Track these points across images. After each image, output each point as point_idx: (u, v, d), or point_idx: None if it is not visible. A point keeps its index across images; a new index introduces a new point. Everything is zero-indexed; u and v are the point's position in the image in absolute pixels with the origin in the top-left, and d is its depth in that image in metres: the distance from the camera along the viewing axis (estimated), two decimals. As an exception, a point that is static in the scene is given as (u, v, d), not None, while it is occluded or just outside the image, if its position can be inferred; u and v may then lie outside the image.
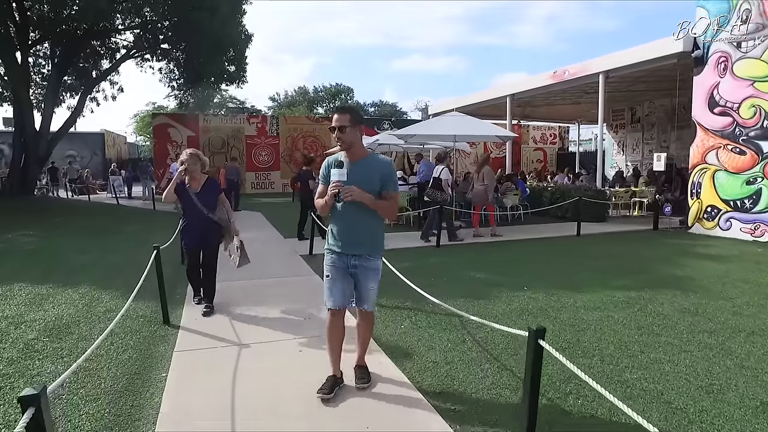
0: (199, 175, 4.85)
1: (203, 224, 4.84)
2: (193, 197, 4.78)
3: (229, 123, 22.97)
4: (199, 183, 4.85)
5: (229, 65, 20.99)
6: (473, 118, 11.04)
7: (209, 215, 4.85)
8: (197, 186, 4.84)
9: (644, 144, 20.15)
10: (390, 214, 3.36)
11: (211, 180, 4.99)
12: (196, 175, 4.82)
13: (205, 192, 4.86)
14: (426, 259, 7.68)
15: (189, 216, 4.88)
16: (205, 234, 4.90)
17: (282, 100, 52.70)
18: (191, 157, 4.75)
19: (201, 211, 4.79)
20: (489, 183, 9.75)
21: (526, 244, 9.06)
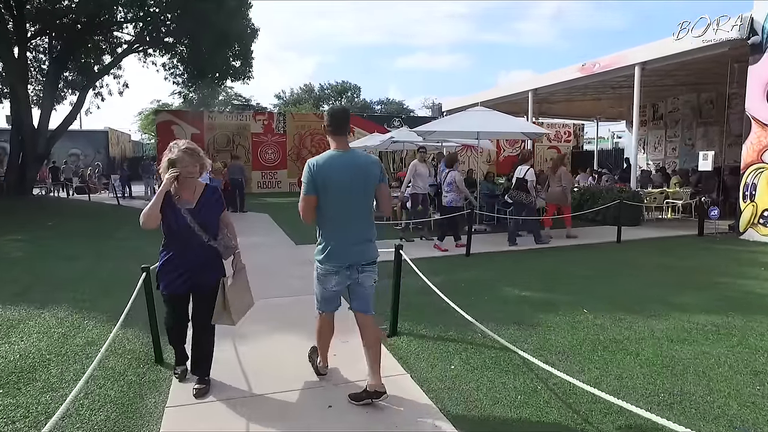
0: (195, 182, 3.19)
1: (198, 256, 3.12)
2: (186, 216, 3.06)
3: (235, 120, 22.04)
4: (193, 194, 3.16)
5: (235, 60, 20.03)
6: (499, 113, 10.06)
7: (209, 242, 3.14)
8: (191, 198, 3.13)
9: (667, 142, 19.09)
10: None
11: (211, 189, 3.30)
12: (190, 182, 3.14)
13: (204, 207, 3.16)
14: (458, 271, 6.73)
15: (175, 243, 3.12)
16: (201, 271, 3.14)
17: (288, 98, 51.74)
18: (187, 155, 3.04)
19: (196, 237, 3.08)
20: (567, 184, 9.14)
21: (565, 252, 8.09)
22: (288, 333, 4.33)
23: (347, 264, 2.98)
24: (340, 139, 2.98)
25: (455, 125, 9.95)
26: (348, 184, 2.91)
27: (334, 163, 2.92)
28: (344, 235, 2.97)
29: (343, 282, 3.04)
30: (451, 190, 8.17)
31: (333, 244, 2.97)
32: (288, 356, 3.84)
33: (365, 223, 3.05)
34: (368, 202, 3.06)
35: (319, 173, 2.88)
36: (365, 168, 2.98)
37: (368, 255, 3.07)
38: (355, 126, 23.76)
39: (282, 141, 22.51)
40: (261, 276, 6.08)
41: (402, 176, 13.08)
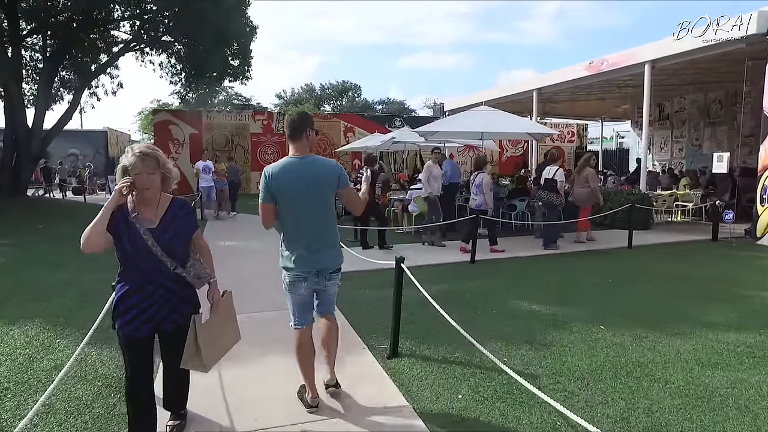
0: (158, 194, 2.53)
1: (163, 288, 2.51)
2: (145, 236, 2.43)
3: (234, 120, 21.60)
4: (156, 209, 2.52)
5: (233, 59, 19.60)
6: (504, 112, 9.63)
7: (175, 270, 2.50)
8: (153, 215, 2.50)
9: (673, 142, 18.65)
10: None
11: (178, 204, 2.61)
12: (151, 194, 2.49)
13: (170, 226, 2.51)
14: (463, 280, 6.30)
15: (133, 273, 2.48)
16: (166, 307, 2.53)
17: (289, 98, 51.32)
18: (141, 160, 2.41)
19: (160, 264, 2.46)
20: (594, 185, 8.83)
21: (574, 259, 7.67)
22: (277, 353, 3.91)
23: (315, 270, 2.98)
24: (296, 145, 2.95)
25: (458, 125, 9.52)
26: (303, 191, 2.89)
27: (288, 170, 2.90)
28: (307, 241, 2.94)
29: (311, 287, 3.02)
30: (480, 192, 7.96)
31: (298, 251, 2.94)
32: (277, 381, 3.42)
33: (326, 229, 3.01)
34: (327, 208, 3.02)
35: (274, 181, 2.88)
36: (321, 175, 2.93)
37: (334, 262, 3.08)
38: (356, 126, 23.39)
39: (282, 141, 22.05)
40: (249, 285, 5.73)
41: (403, 178, 12.68)
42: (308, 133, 2.96)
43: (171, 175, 2.55)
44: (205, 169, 12.58)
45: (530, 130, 9.37)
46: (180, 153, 20.45)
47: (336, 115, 25.38)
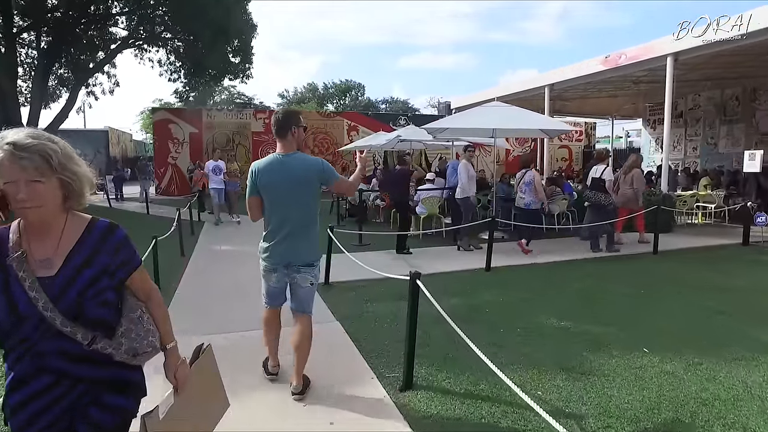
0: (58, 215, 1.46)
1: (66, 379, 1.44)
2: (33, 293, 1.37)
3: (235, 119, 21.01)
4: (56, 243, 1.45)
5: (234, 56, 19.05)
6: (518, 108, 9.00)
7: (92, 346, 1.42)
8: (51, 253, 1.44)
9: (687, 140, 17.98)
10: None
11: (99, 229, 1.51)
12: (42, 216, 1.42)
13: (79, 272, 1.44)
14: (480, 290, 5.67)
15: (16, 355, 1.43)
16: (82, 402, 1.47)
17: (291, 97, 50.77)
18: (15, 159, 1.34)
19: (60, 340, 1.40)
20: (639, 186, 8.37)
21: (596, 265, 7.03)
22: (268, 388, 3.29)
23: (284, 263, 3.03)
24: (282, 142, 3.03)
25: (470, 122, 8.90)
26: (285, 188, 2.96)
27: (272, 167, 3.00)
28: (281, 235, 3.01)
29: (282, 279, 3.09)
30: (529, 191, 7.70)
31: (270, 243, 3.04)
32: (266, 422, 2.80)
33: (303, 224, 3.03)
34: (307, 205, 3.04)
35: (258, 177, 3.00)
36: (303, 172, 2.98)
37: (303, 257, 3.05)
38: (359, 124, 22.77)
39: (284, 140, 21.49)
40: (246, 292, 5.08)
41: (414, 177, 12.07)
42: (294, 130, 3.00)
43: (77, 181, 1.45)
44: (216, 169, 11.49)
45: (547, 126, 8.73)
46: (180, 152, 19.89)
47: (339, 113, 24.75)
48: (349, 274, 5.99)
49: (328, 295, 5.50)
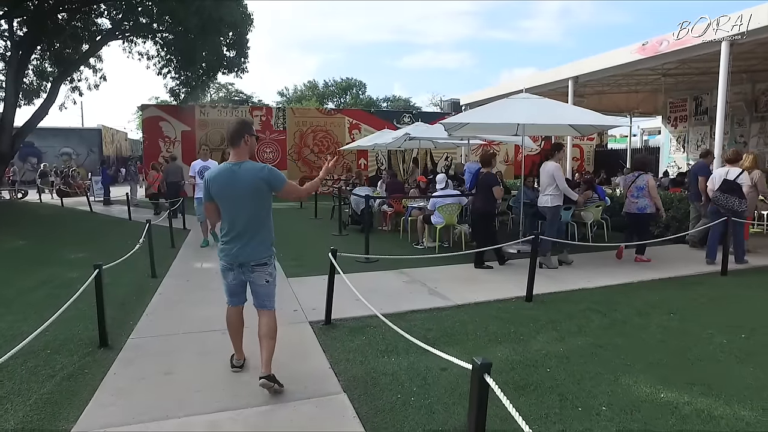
0: None
1: None
2: None
3: (230, 116, 19.55)
4: None
5: (229, 50, 17.61)
6: (551, 100, 7.63)
7: None
8: None
9: (712, 140, 16.53)
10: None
11: None
12: None
13: None
14: (527, 334, 4.26)
15: None
16: None
17: (291, 95, 49.32)
18: None
19: None
20: (762, 190, 7.32)
21: (655, 292, 5.64)
22: None
23: (237, 263, 3.18)
24: (235, 151, 3.17)
25: (493, 116, 7.50)
26: (233, 195, 3.11)
27: (223, 175, 3.12)
28: (232, 238, 3.16)
29: (238, 277, 3.24)
30: (643, 195, 7.07)
31: (225, 245, 3.20)
32: None
33: (253, 227, 3.15)
34: (256, 209, 3.14)
35: (211, 183, 3.16)
36: (250, 180, 3.09)
37: (255, 256, 3.17)
38: (362, 122, 21.41)
39: (281, 138, 20.09)
40: (215, 353, 3.59)
41: (423, 181, 10.68)
42: (246, 138, 3.15)
43: None
44: (204, 170, 8.06)
45: (593, 121, 7.31)
46: (171, 151, 18.48)
47: (340, 110, 23.34)
48: (355, 306, 4.64)
49: (328, 340, 4.12)
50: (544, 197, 6.90)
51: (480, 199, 6.93)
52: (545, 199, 6.87)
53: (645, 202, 7.11)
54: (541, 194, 7.01)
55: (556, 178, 6.73)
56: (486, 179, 6.88)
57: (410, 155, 22.51)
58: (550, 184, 6.77)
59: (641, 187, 7.15)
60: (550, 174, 6.79)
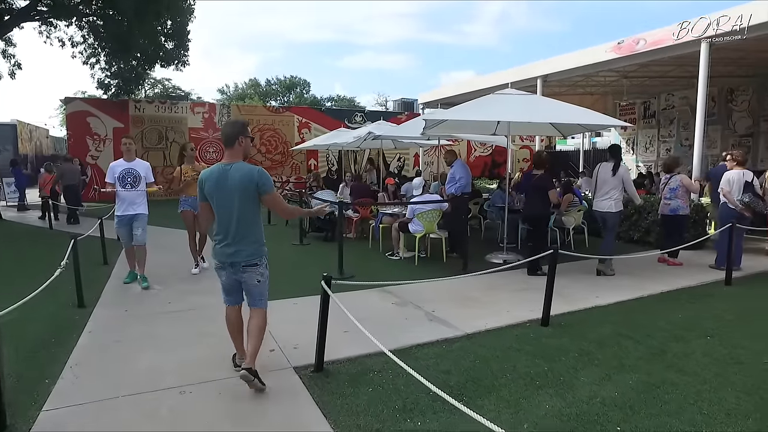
0: None
1: None
2: None
3: (168, 112, 17.75)
4: None
5: (167, 41, 15.92)
6: (542, 97, 7.00)
7: None
8: None
9: (660, 142, 16.91)
10: None
11: None
12: None
13: None
14: (565, 373, 3.47)
15: None
16: None
17: (232, 93, 46.87)
18: None
19: None
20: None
21: (671, 305, 5.07)
22: None
23: (229, 262, 3.18)
24: (228, 152, 3.18)
25: (480, 112, 6.74)
26: (224, 195, 3.11)
27: (215, 176, 3.13)
28: (225, 237, 3.16)
29: (231, 277, 3.24)
30: (675, 197, 6.89)
31: (217, 245, 3.21)
32: None
33: (244, 228, 3.15)
34: (247, 210, 3.15)
35: (204, 183, 3.16)
36: (242, 180, 3.08)
37: (245, 257, 3.18)
38: (311, 121, 20.23)
39: (226, 137, 18.52)
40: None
41: (391, 183, 9.78)
42: (241, 140, 3.15)
43: None
44: (129, 176, 5.67)
45: (594, 121, 6.70)
46: (101, 150, 16.49)
47: (289, 108, 21.97)
48: (347, 341, 3.72)
49: (326, 396, 3.12)
50: (606, 201, 6.37)
51: (536, 202, 6.43)
52: (609, 204, 6.34)
53: (678, 203, 6.90)
54: (601, 198, 6.43)
55: (626, 182, 6.33)
56: (541, 182, 6.40)
57: (362, 156, 21.59)
58: (617, 187, 6.29)
59: (674, 188, 6.92)
60: (620, 177, 6.31)
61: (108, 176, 5.71)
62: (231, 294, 3.31)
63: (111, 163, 5.92)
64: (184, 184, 6.18)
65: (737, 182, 6.59)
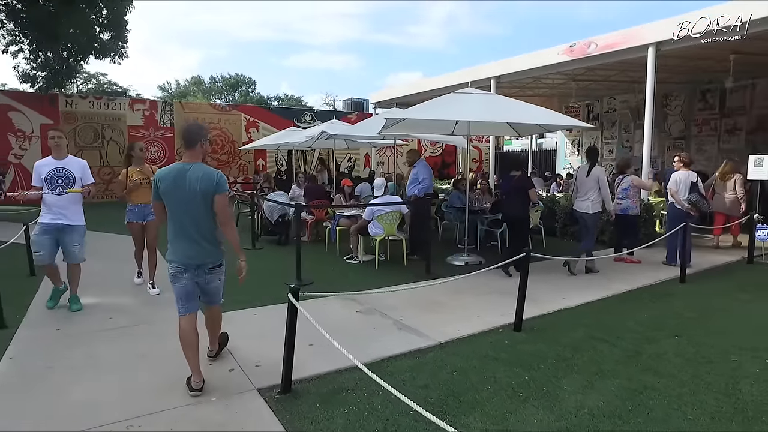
0: None
1: None
2: None
3: (104, 108, 16.51)
4: None
5: (103, 31, 14.78)
6: (505, 97, 6.95)
7: None
8: None
9: (603, 143, 17.57)
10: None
11: None
12: None
13: None
14: (547, 382, 3.31)
15: None
16: None
17: (174, 90, 44.75)
18: None
19: None
20: (741, 192, 7.82)
21: (634, 304, 5.11)
22: None
23: (194, 264, 3.12)
24: (188, 153, 3.17)
25: (445, 112, 6.57)
26: (182, 195, 3.06)
27: (174, 175, 3.08)
28: (184, 238, 3.10)
29: (192, 279, 3.15)
30: (626, 197, 7.07)
31: (177, 246, 3.12)
32: None
33: (203, 228, 3.12)
34: (208, 211, 3.12)
35: (160, 183, 3.10)
36: (203, 180, 3.07)
37: (210, 258, 3.17)
38: (259, 120, 19.56)
39: (169, 137, 17.47)
40: None
41: (348, 185, 9.44)
42: (202, 143, 3.18)
43: None
44: (59, 176, 4.66)
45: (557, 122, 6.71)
46: (27, 149, 15.08)
47: (236, 107, 21.09)
48: (313, 356, 3.43)
49: (297, 421, 2.80)
50: (584, 202, 6.54)
51: (517, 203, 6.42)
52: (586, 205, 6.51)
53: (628, 203, 7.06)
54: (580, 199, 6.61)
55: (601, 184, 6.45)
56: (522, 182, 6.50)
57: (312, 156, 21.11)
58: (593, 188, 6.44)
59: (626, 188, 7.08)
60: (595, 178, 6.45)
61: (34, 179, 4.63)
62: (189, 300, 3.16)
63: (36, 162, 4.82)
64: (127, 190, 5.37)
65: (684, 183, 6.82)
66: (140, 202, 5.39)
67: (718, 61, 10.61)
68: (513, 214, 6.55)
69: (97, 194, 5.49)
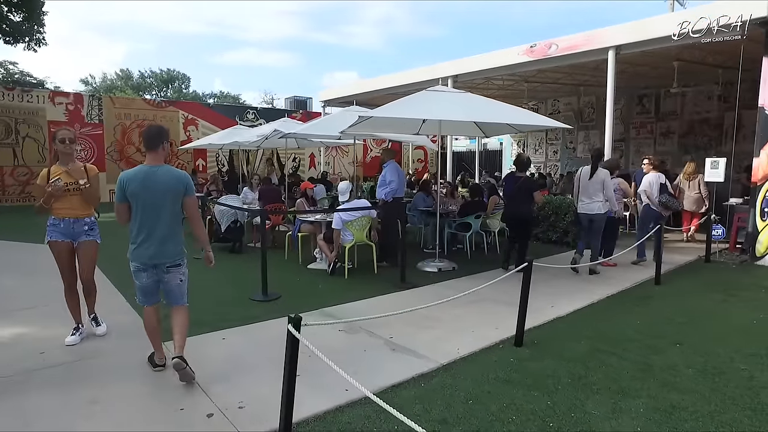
0: None
1: None
2: None
3: (19, 101, 14.71)
4: None
5: (14, 12, 13.16)
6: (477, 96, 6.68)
7: None
8: None
9: (548, 144, 18.02)
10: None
11: None
12: None
13: None
14: (571, 406, 2.99)
15: None
16: None
17: (99, 84, 41.43)
18: None
19: None
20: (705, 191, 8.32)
21: (622, 310, 4.98)
22: None
23: (152, 263, 3.22)
24: (150, 155, 3.23)
25: (417, 110, 6.18)
26: (149, 196, 3.14)
27: (141, 177, 3.15)
28: (147, 237, 3.18)
29: (152, 277, 3.27)
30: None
31: (138, 246, 3.20)
32: None
33: (167, 229, 3.21)
34: (176, 212, 3.26)
35: (127, 184, 3.14)
36: (167, 183, 3.18)
37: (170, 257, 3.26)
38: (199, 118, 18.37)
39: (97, 133, 15.92)
40: None
41: (310, 188, 8.81)
42: (164, 145, 3.25)
43: None
44: None
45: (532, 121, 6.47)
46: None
47: (173, 103, 19.64)
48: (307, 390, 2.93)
49: None
50: (593, 204, 6.34)
51: (521, 203, 6.39)
52: (597, 206, 6.33)
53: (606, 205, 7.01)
54: (588, 201, 6.39)
55: (606, 186, 6.31)
56: (528, 183, 6.45)
57: (254, 156, 20.13)
58: (600, 190, 6.30)
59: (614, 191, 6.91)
60: (600, 180, 6.27)
61: None
62: (149, 296, 3.34)
63: None
64: (45, 197, 3.75)
65: (655, 184, 6.87)
66: (67, 216, 3.88)
67: (654, 67, 11.06)
68: (518, 213, 6.46)
69: (11, 197, 4.56)
